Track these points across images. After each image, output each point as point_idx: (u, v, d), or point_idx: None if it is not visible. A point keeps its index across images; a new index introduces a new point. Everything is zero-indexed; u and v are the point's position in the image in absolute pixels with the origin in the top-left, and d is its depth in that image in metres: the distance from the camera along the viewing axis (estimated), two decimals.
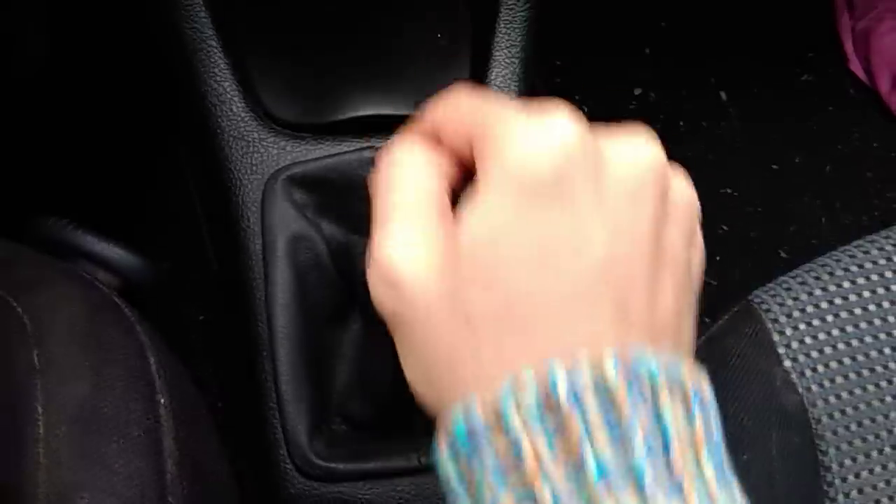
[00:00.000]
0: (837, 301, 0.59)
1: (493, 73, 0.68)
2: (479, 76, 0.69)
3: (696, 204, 0.35)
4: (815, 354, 0.57)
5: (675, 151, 1.24)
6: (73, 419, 0.46)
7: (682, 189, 0.35)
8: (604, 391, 0.27)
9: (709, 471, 0.28)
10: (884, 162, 1.17)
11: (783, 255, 1.11)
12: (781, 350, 0.57)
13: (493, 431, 0.28)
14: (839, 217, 1.13)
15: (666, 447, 0.28)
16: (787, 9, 1.24)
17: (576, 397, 0.27)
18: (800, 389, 0.56)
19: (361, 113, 0.66)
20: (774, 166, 1.16)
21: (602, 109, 1.18)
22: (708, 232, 1.16)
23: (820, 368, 0.57)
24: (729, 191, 1.14)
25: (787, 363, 0.56)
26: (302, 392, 0.61)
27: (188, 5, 0.63)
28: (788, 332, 0.57)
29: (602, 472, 0.27)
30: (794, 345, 0.57)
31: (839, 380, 0.57)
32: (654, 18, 1.22)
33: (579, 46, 1.19)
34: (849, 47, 1.24)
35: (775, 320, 0.58)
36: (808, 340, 0.57)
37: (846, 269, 0.60)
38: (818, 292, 0.59)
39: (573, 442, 0.27)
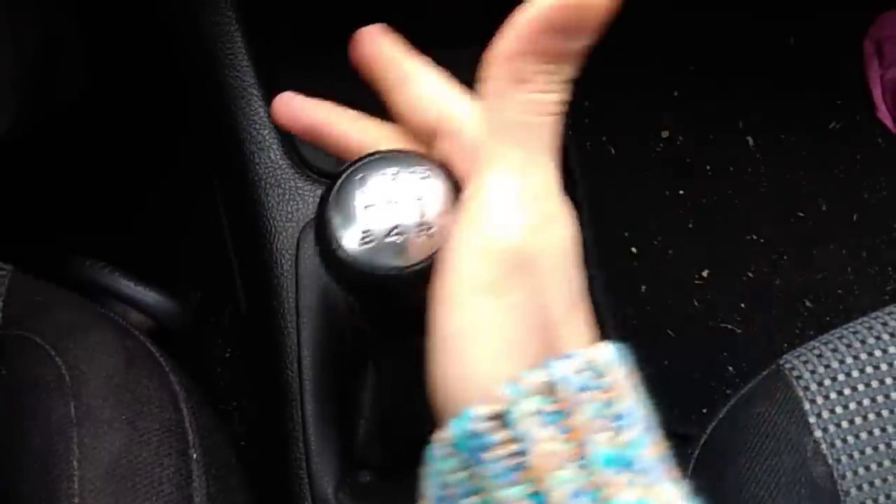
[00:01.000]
0: (868, 370, 0.59)
1: None
2: None
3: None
4: (845, 425, 0.57)
5: (701, 195, 1.25)
6: (108, 475, 0.46)
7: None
8: (600, 375, 0.30)
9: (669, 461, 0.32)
10: None
11: (808, 303, 1.10)
12: (812, 419, 0.56)
13: (497, 431, 0.29)
14: (865, 267, 1.13)
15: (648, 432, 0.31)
16: (816, 55, 1.24)
17: (580, 388, 0.29)
18: (830, 461, 0.55)
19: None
20: (801, 213, 1.15)
21: (629, 152, 1.18)
22: (733, 278, 1.15)
23: (850, 439, 0.56)
24: (754, 237, 1.14)
25: (818, 433, 0.56)
26: (328, 442, 0.61)
27: (230, 54, 0.64)
28: (819, 400, 0.57)
29: (608, 459, 0.28)
30: (825, 414, 0.57)
31: (869, 451, 0.56)
32: (684, 62, 1.22)
33: (608, 88, 1.19)
34: (877, 95, 1.24)
35: (806, 388, 0.58)
36: (838, 410, 0.57)
37: (878, 337, 0.60)
38: (849, 360, 0.59)
39: (577, 430, 0.28)
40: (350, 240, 0.34)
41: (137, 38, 0.93)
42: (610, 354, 0.31)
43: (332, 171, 0.67)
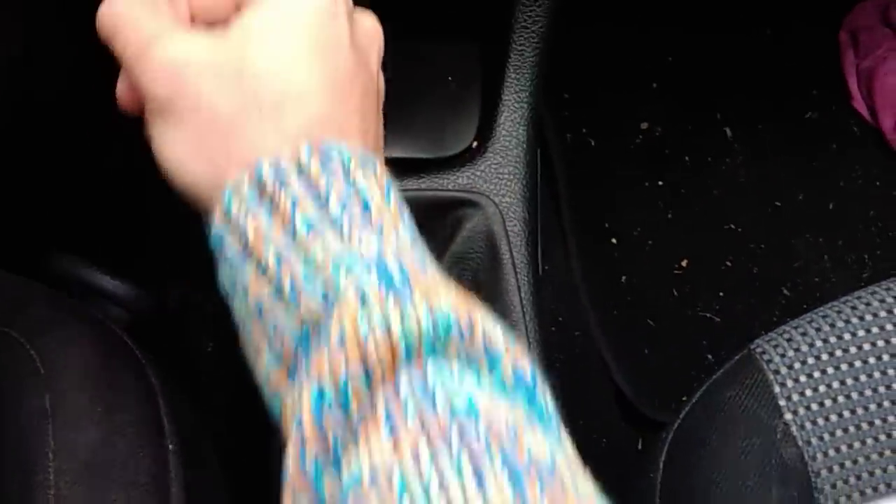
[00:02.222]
0: (838, 353, 0.59)
1: (503, 117, 0.69)
2: (488, 117, 0.70)
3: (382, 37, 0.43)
4: (815, 407, 0.58)
5: (680, 185, 1.25)
6: (84, 467, 0.46)
7: (375, 24, 0.43)
8: (303, 172, 0.35)
9: (406, 235, 0.35)
10: (886, 200, 1.18)
11: (785, 291, 1.11)
12: (782, 402, 0.57)
13: (227, 227, 0.35)
14: (842, 255, 1.14)
15: (366, 206, 0.35)
16: (792, 47, 1.25)
17: (281, 179, 0.35)
18: (799, 443, 0.56)
19: None
20: (778, 203, 1.17)
21: (608, 143, 1.19)
22: (711, 267, 1.16)
23: (820, 421, 0.57)
24: (732, 226, 1.15)
25: (788, 416, 0.57)
26: None
27: None
28: (789, 383, 0.58)
29: (309, 225, 0.34)
30: (795, 397, 0.58)
31: (839, 433, 0.57)
32: (662, 54, 1.23)
33: (587, 80, 1.20)
34: (853, 85, 1.25)
35: (776, 371, 0.59)
36: (808, 393, 0.58)
37: (847, 321, 0.61)
38: (819, 343, 0.60)
39: (284, 212, 0.34)
40: None
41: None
42: (327, 148, 0.36)
43: None
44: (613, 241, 1.13)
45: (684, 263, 1.12)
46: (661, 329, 1.09)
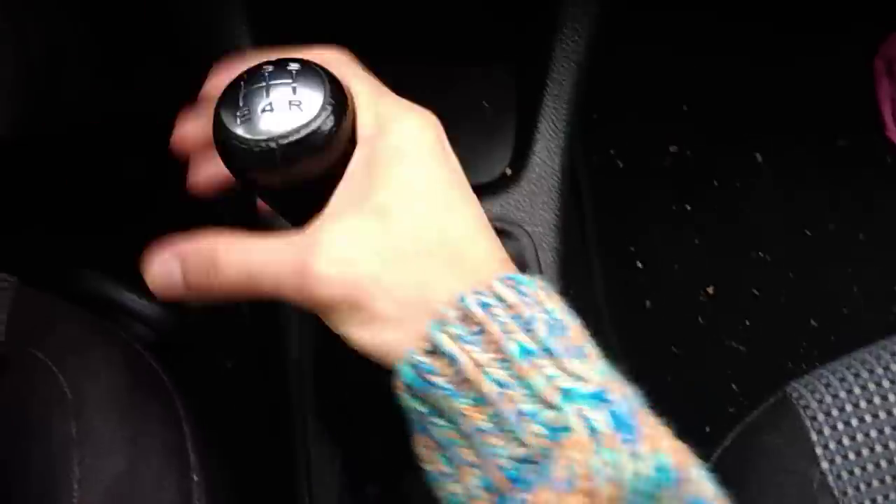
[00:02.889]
0: (876, 400, 0.58)
1: (538, 146, 0.68)
2: (523, 146, 0.69)
3: None
4: (852, 456, 0.56)
5: (708, 211, 1.24)
6: (108, 496, 0.46)
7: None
8: (503, 300, 0.36)
9: (592, 350, 0.36)
10: None
11: (813, 323, 1.10)
12: (819, 451, 0.56)
13: (434, 361, 0.35)
14: (871, 287, 1.12)
15: (564, 329, 0.36)
16: (826, 72, 1.23)
17: (485, 307, 0.35)
18: (836, 493, 0.55)
19: None
20: (808, 231, 1.15)
21: (637, 165, 1.18)
22: (738, 295, 1.15)
23: (857, 471, 0.56)
24: (761, 254, 1.13)
25: (825, 465, 0.56)
26: (332, 453, 0.60)
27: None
28: (827, 431, 0.57)
29: (526, 353, 0.34)
30: (832, 445, 0.56)
31: (875, 483, 0.56)
32: (693, 76, 1.22)
33: (616, 100, 1.19)
34: (887, 114, 1.23)
35: (814, 418, 0.57)
36: (845, 441, 0.57)
37: (886, 367, 0.60)
38: (857, 390, 0.58)
39: (496, 339, 0.35)
40: (230, 121, 0.39)
41: (144, 40, 0.92)
42: (517, 280, 0.37)
43: None
44: (639, 264, 1.12)
45: (710, 290, 1.11)
46: (685, 357, 1.07)
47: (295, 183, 0.40)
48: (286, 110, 0.39)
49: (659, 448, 0.33)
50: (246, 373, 0.84)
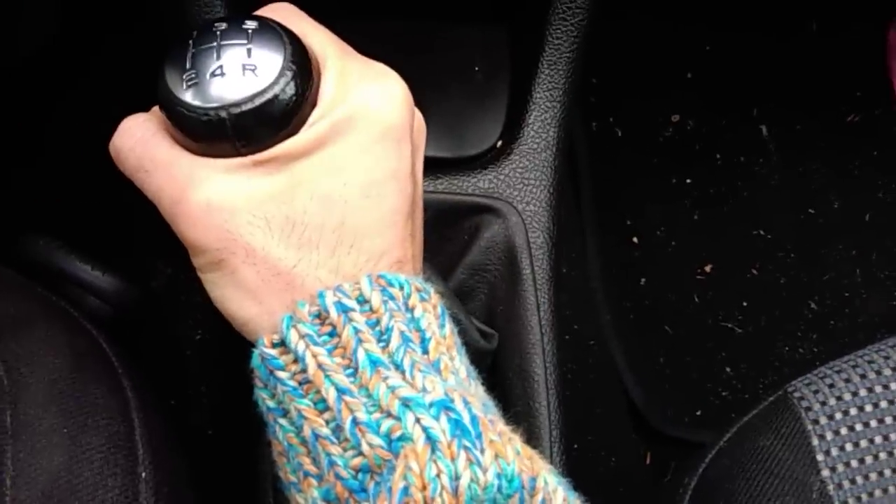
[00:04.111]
0: (883, 404, 0.54)
1: (532, 116, 0.63)
2: (516, 115, 0.64)
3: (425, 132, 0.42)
4: (854, 464, 0.53)
5: (708, 185, 1.18)
6: (44, 496, 0.41)
7: (422, 123, 0.42)
8: (366, 303, 0.35)
9: (461, 366, 0.36)
10: None
11: (813, 305, 1.06)
12: (820, 457, 0.52)
13: (282, 355, 0.35)
14: (874, 269, 1.08)
15: (423, 341, 0.35)
16: (838, 43, 1.18)
17: (343, 310, 0.34)
18: (836, 503, 0.51)
19: None
20: (811, 210, 1.10)
21: (636, 135, 1.13)
22: (736, 274, 1.09)
23: (859, 480, 0.52)
24: (762, 232, 1.09)
25: (825, 472, 0.52)
26: None
27: (207, 14, 0.58)
28: (829, 436, 0.53)
29: (372, 363, 0.34)
30: (834, 452, 0.53)
31: (877, 493, 0.52)
32: (699, 43, 1.16)
33: (618, 65, 1.13)
34: None
35: (815, 421, 0.54)
36: (848, 448, 0.53)
37: (894, 369, 0.56)
38: (863, 392, 0.55)
39: (347, 347, 0.34)
40: (175, 84, 0.36)
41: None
42: (388, 281, 0.36)
43: None
44: (635, 240, 1.08)
45: (708, 268, 1.07)
46: (679, 337, 1.03)
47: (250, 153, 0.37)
48: (239, 75, 0.35)
49: (502, 455, 0.32)
50: (215, 345, 0.80)
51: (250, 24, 0.37)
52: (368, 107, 0.37)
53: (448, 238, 0.61)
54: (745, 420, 0.56)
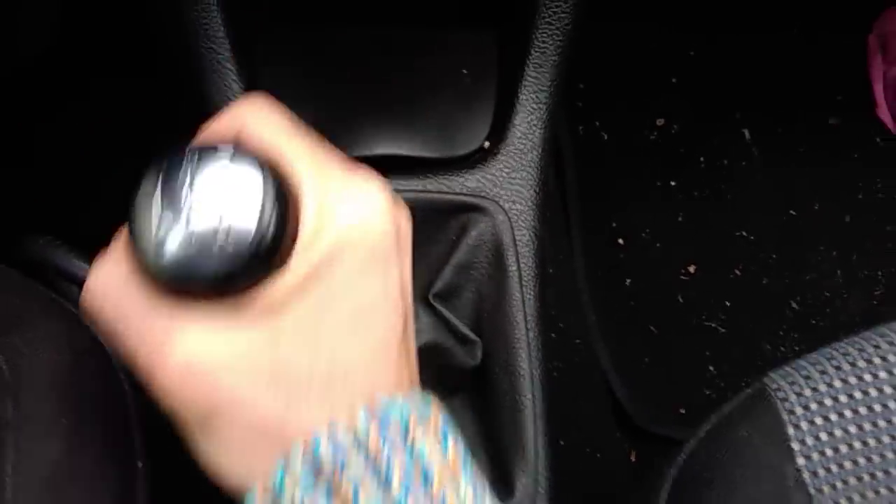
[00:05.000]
0: (857, 395, 0.56)
1: (518, 118, 0.64)
2: (503, 117, 0.66)
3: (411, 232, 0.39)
4: (829, 453, 0.54)
5: (693, 187, 1.20)
6: (45, 483, 0.43)
7: (409, 224, 0.38)
8: (362, 445, 0.32)
9: (468, 491, 0.34)
10: None
11: (794, 305, 1.08)
12: (795, 445, 0.54)
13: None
14: (855, 270, 1.10)
15: (426, 478, 0.33)
16: (819, 48, 1.20)
17: (340, 457, 0.32)
18: (811, 490, 0.53)
19: (377, 152, 0.63)
20: (793, 212, 1.13)
21: (622, 138, 1.15)
22: (719, 275, 1.12)
23: (833, 468, 0.54)
24: (744, 234, 1.11)
25: (801, 461, 0.54)
26: None
27: (205, 24, 0.60)
28: (804, 425, 0.55)
29: None
30: (809, 441, 0.54)
31: (852, 481, 0.54)
32: (683, 48, 1.18)
33: (604, 70, 1.16)
34: (879, 92, 1.20)
35: (791, 412, 0.55)
36: (823, 437, 0.54)
37: (868, 361, 0.57)
38: (838, 383, 0.56)
39: (346, 495, 0.32)
40: (147, 230, 0.33)
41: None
42: (386, 410, 0.34)
43: None
44: (620, 241, 1.10)
45: (692, 269, 1.09)
46: (663, 337, 1.05)
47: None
48: (216, 223, 0.33)
49: None
50: None
51: (223, 158, 0.33)
52: (351, 232, 0.34)
53: (436, 236, 0.63)
54: (723, 412, 0.58)
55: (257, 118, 0.36)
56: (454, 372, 0.61)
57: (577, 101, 1.15)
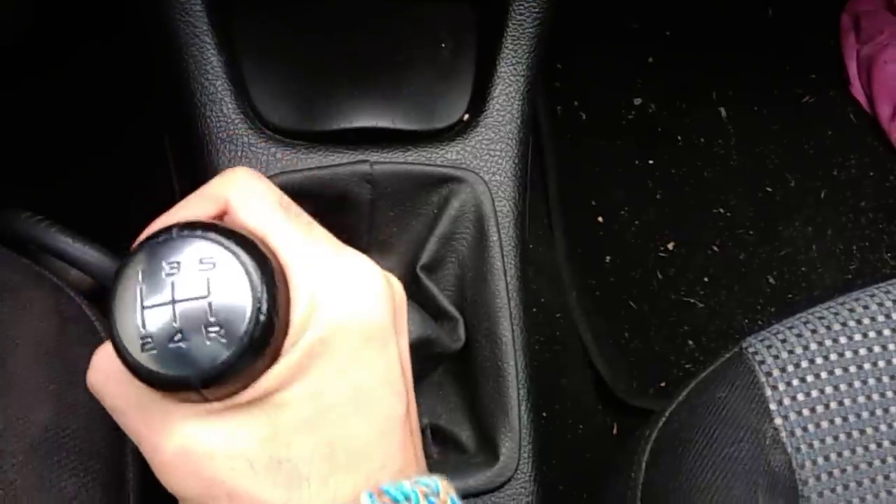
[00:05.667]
0: (833, 357, 0.57)
1: (497, 90, 0.65)
2: (481, 90, 0.66)
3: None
4: (806, 412, 0.55)
5: (670, 165, 1.22)
6: (33, 447, 0.43)
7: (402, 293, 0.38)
8: None
9: None
10: (878, 191, 1.16)
11: (771, 280, 1.09)
12: (773, 406, 0.55)
13: None
14: (830, 245, 1.12)
15: None
16: (793, 28, 1.22)
17: None
18: (789, 449, 0.54)
19: (357, 125, 0.64)
20: (769, 188, 1.14)
21: (600, 118, 1.16)
22: (697, 251, 1.13)
23: (810, 427, 0.55)
24: (721, 210, 1.12)
25: (778, 420, 0.55)
26: None
27: None
28: (781, 387, 0.56)
29: None
30: (786, 401, 0.55)
31: (829, 440, 0.55)
32: (660, 27, 1.19)
33: (581, 50, 1.16)
34: (852, 71, 1.22)
35: (769, 373, 0.56)
36: (800, 397, 0.56)
37: (844, 324, 0.59)
38: (814, 346, 0.58)
39: None
40: (132, 344, 0.31)
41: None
42: (392, 497, 0.33)
43: (290, 127, 0.64)
44: (599, 219, 1.11)
45: (670, 246, 1.10)
46: (643, 312, 1.06)
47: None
48: (203, 339, 0.31)
49: None
50: None
51: (205, 256, 0.31)
52: (346, 317, 0.33)
53: (418, 209, 0.63)
54: (702, 375, 0.59)
55: (242, 194, 0.35)
56: (440, 357, 0.61)
57: (554, 82, 1.16)
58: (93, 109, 0.95)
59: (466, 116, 0.66)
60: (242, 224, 0.34)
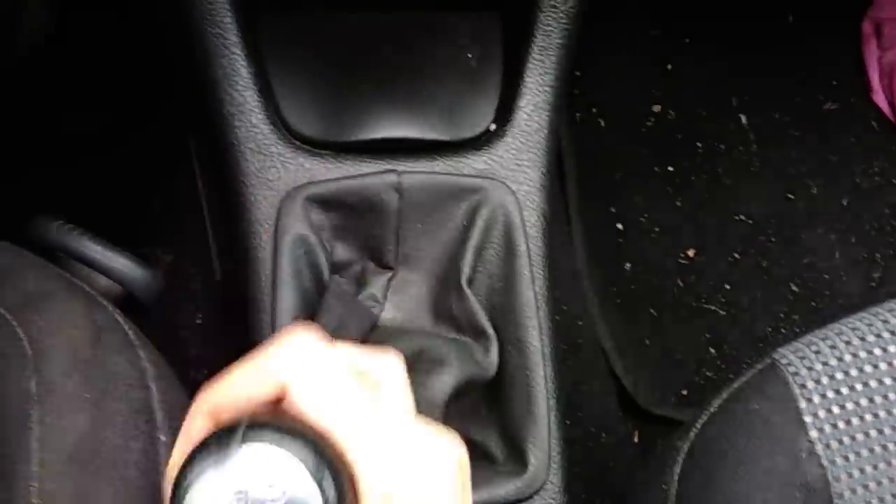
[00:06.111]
0: (867, 369, 0.57)
1: (524, 101, 0.65)
2: (508, 99, 0.66)
3: None
4: (841, 425, 0.55)
5: (690, 172, 1.21)
6: (71, 457, 0.43)
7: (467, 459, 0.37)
8: None
9: None
10: None
11: (794, 287, 1.09)
12: (808, 419, 0.55)
13: None
14: (852, 252, 1.11)
15: None
16: (814, 34, 1.21)
17: None
18: (824, 462, 0.54)
19: (384, 135, 0.64)
20: (790, 195, 1.13)
21: (619, 125, 1.15)
22: (718, 259, 1.13)
23: (845, 440, 0.55)
24: (742, 217, 1.12)
25: (814, 433, 0.54)
26: None
27: (212, 8, 0.60)
28: (816, 399, 0.55)
29: None
30: (822, 413, 0.55)
31: (865, 453, 0.55)
32: (679, 35, 1.19)
33: (601, 58, 1.16)
34: (874, 78, 1.21)
35: (803, 385, 0.56)
36: (835, 410, 0.55)
37: (878, 335, 0.58)
38: (848, 358, 0.57)
39: None
40: None
41: None
42: None
43: (317, 137, 0.64)
44: (619, 226, 1.10)
45: (691, 253, 1.10)
46: (664, 320, 1.06)
47: None
48: None
49: None
50: (216, 329, 0.81)
51: (272, 442, 0.31)
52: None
53: (446, 220, 0.63)
54: (734, 386, 0.59)
55: (302, 377, 0.33)
56: (475, 385, 0.61)
57: (573, 89, 1.16)
58: (117, 111, 0.95)
59: (493, 126, 0.66)
60: (304, 416, 0.33)
